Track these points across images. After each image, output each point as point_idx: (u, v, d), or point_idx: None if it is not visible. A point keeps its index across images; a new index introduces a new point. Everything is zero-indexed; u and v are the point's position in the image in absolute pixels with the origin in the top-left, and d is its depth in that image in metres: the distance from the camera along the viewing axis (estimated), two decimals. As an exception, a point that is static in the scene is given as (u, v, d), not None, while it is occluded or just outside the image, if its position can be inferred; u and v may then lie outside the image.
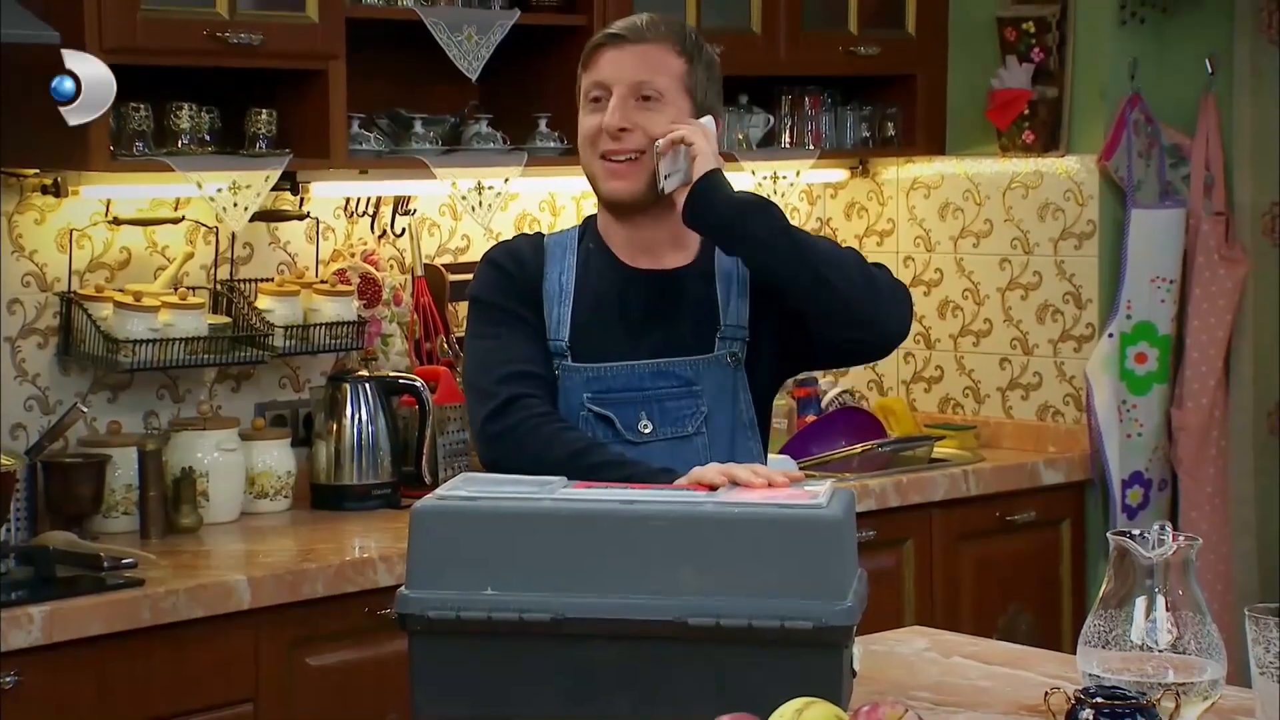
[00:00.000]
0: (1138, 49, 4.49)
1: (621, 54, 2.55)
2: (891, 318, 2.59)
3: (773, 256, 2.51)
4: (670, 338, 2.58)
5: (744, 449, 2.60)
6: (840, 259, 2.56)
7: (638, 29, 2.57)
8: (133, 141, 3.52)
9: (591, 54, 2.58)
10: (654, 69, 2.55)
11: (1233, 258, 4.51)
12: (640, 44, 2.56)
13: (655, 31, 2.57)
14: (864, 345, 2.63)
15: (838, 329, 2.55)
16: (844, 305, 2.52)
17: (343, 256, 4.04)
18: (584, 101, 2.59)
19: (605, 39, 2.58)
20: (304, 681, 3.31)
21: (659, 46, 2.56)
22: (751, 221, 2.51)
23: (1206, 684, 2.08)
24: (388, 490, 3.86)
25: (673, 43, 2.57)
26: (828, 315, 2.53)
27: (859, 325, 2.55)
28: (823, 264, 2.51)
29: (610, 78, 2.55)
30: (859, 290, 2.53)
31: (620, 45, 2.56)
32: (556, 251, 2.63)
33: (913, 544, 4.26)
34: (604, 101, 2.55)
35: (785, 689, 1.96)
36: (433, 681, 2.17)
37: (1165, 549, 2.10)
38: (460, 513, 2.19)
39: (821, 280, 2.50)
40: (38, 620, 3.00)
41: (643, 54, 2.55)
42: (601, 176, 2.57)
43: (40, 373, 3.64)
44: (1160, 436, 4.53)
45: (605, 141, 2.55)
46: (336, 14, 3.65)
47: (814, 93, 4.54)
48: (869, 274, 2.57)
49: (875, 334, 2.58)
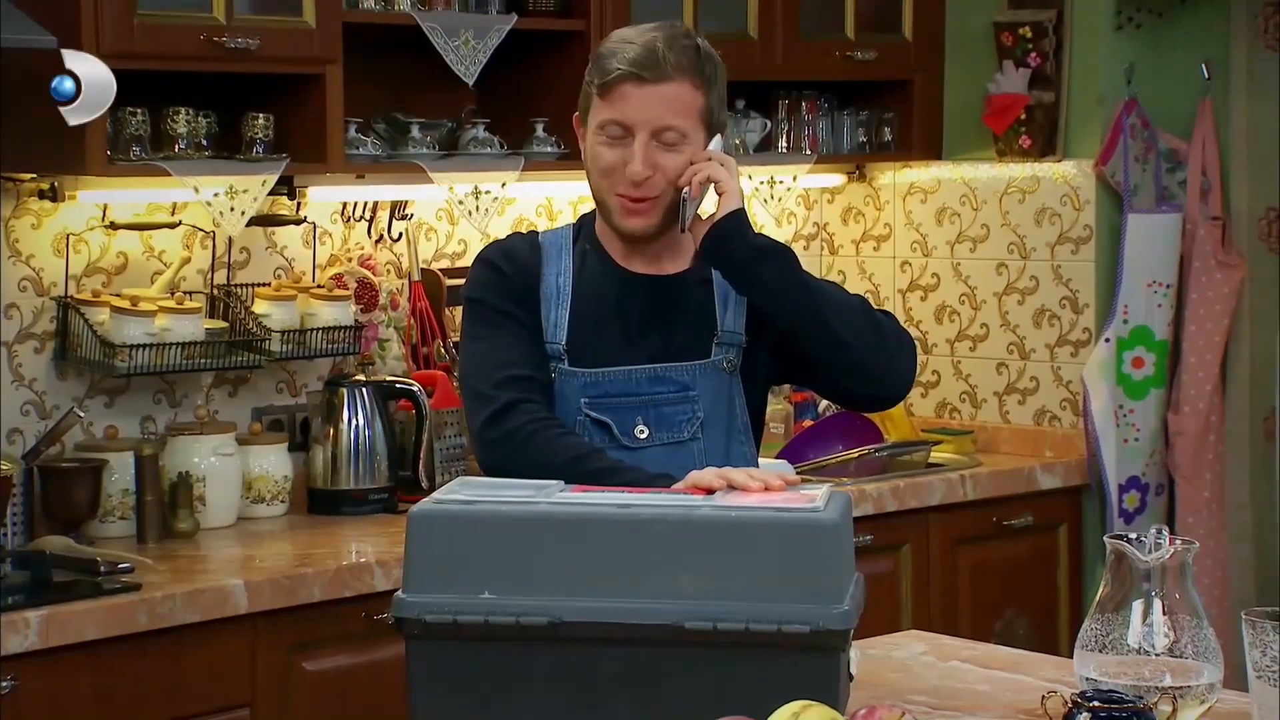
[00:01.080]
0: (1134, 54, 4.49)
1: (645, 94, 2.49)
2: (896, 373, 2.59)
3: (784, 305, 2.52)
4: (667, 343, 2.58)
5: (738, 454, 2.60)
6: (851, 312, 2.56)
7: (660, 65, 2.48)
8: (129, 146, 3.52)
9: (612, 87, 2.50)
10: (677, 111, 2.50)
11: (1229, 263, 4.51)
12: (664, 83, 2.49)
13: (677, 66, 2.49)
14: (865, 398, 2.66)
15: (842, 380, 2.58)
16: (850, 359, 2.53)
17: (340, 261, 4.04)
18: (597, 131, 2.53)
19: (627, 74, 2.49)
20: (301, 686, 3.31)
21: (680, 84, 2.50)
22: (766, 268, 2.51)
23: (1203, 688, 2.08)
24: (385, 495, 3.86)
25: (693, 75, 2.51)
26: (833, 366, 2.55)
27: (863, 379, 2.57)
28: (833, 317, 2.52)
29: (634, 120, 2.50)
30: (867, 345, 2.54)
31: (643, 84, 2.49)
32: (552, 251, 2.62)
33: (910, 548, 4.26)
34: (623, 139, 2.51)
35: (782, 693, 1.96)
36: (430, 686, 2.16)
37: (1162, 553, 2.10)
38: (457, 517, 2.18)
39: (831, 333, 2.52)
40: (34, 625, 3.00)
41: (666, 95, 2.49)
42: (618, 212, 2.55)
43: (37, 377, 3.64)
44: (1157, 441, 4.53)
45: (625, 184, 2.51)
46: (333, 18, 3.65)
47: (811, 97, 4.54)
48: (877, 327, 2.57)
49: (878, 388, 2.60)
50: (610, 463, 2.46)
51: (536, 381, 2.54)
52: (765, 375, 2.65)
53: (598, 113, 2.53)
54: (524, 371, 2.53)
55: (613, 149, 2.52)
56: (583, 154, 2.61)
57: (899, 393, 2.63)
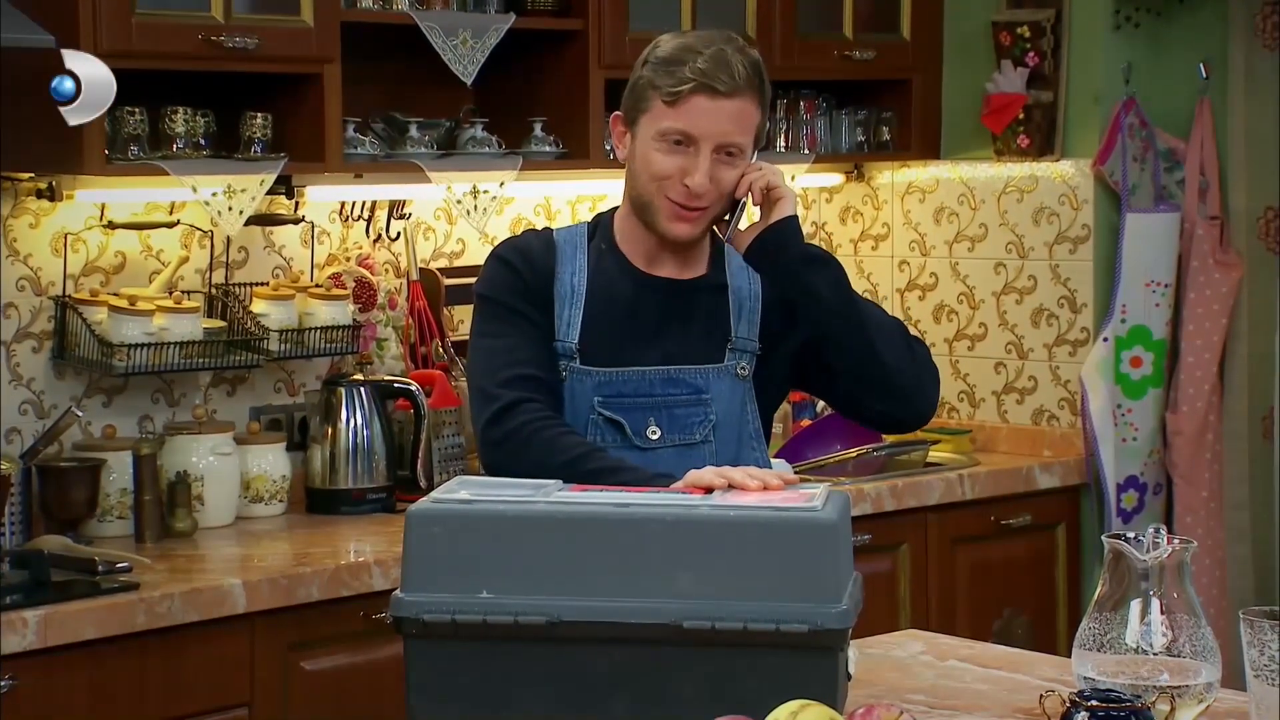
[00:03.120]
0: (1132, 53, 4.49)
1: (716, 108, 2.49)
2: (922, 398, 2.62)
3: (828, 314, 2.53)
4: (682, 346, 2.58)
5: (749, 459, 2.60)
6: (889, 330, 2.58)
7: (733, 80, 2.48)
8: (128, 145, 3.51)
9: (684, 97, 2.48)
10: (742, 127, 2.52)
11: (1227, 262, 4.51)
12: (734, 98, 2.49)
13: (747, 82, 2.50)
14: (894, 420, 2.68)
15: (872, 397, 2.59)
16: (884, 376, 2.55)
17: (338, 260, 4.04)
18: (657, 136, 2.51)
19: (701, 86, 2.48)
20: (299, 686, 3.31)
21: (748, 101, 2.51)
22: (816, 275, 2.53)
23: (1201, 687, 2.08)
24: (383, 494, 3.86)
25: (757, 94, 2.52)
26: (866, 381, 2.56)
27: (893, 399, 2.58)
28: (874, 332, 2.54)
29: (702, 133, 2.49)
30: (902, 365, 2.56)
31: (715, 98, 2.48)
32: (567, 250, 2.62)
33: (908, 548, 4.26)
34: (685, 147, 2.50)
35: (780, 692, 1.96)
36: (428, 685, 2.16)
37: (1160, 552, 2.10)
38: (456, 516, 2.18)
39: (869, 347, 2.53)
40: (32, 624, 3.00)
41: (734, 111, 2.50)
42: (667, 217, 2.54)
43: (35, 377, 3.64)
44: (1155, 441, 4.53)
45: (680, 193, 2.51)
46: (332, 18, 3.65)
47: (809, 97, 4.54)
48: (913, 349, 2.60)
49: (906, 410, 2.62)
50: (611, 462, 2.46)
51: (543, 381, 2.53)
52: (779, 384, 2.65)
53: (660, 119, 2.51)
54: (530, 371, 2.53)
55: (671, 157, 2.51)
56: (622, 152, 2.59)
57: (922, 417, 2.65)
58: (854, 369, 2.55)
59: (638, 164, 2.54)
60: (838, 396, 2.66)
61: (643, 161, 2.53)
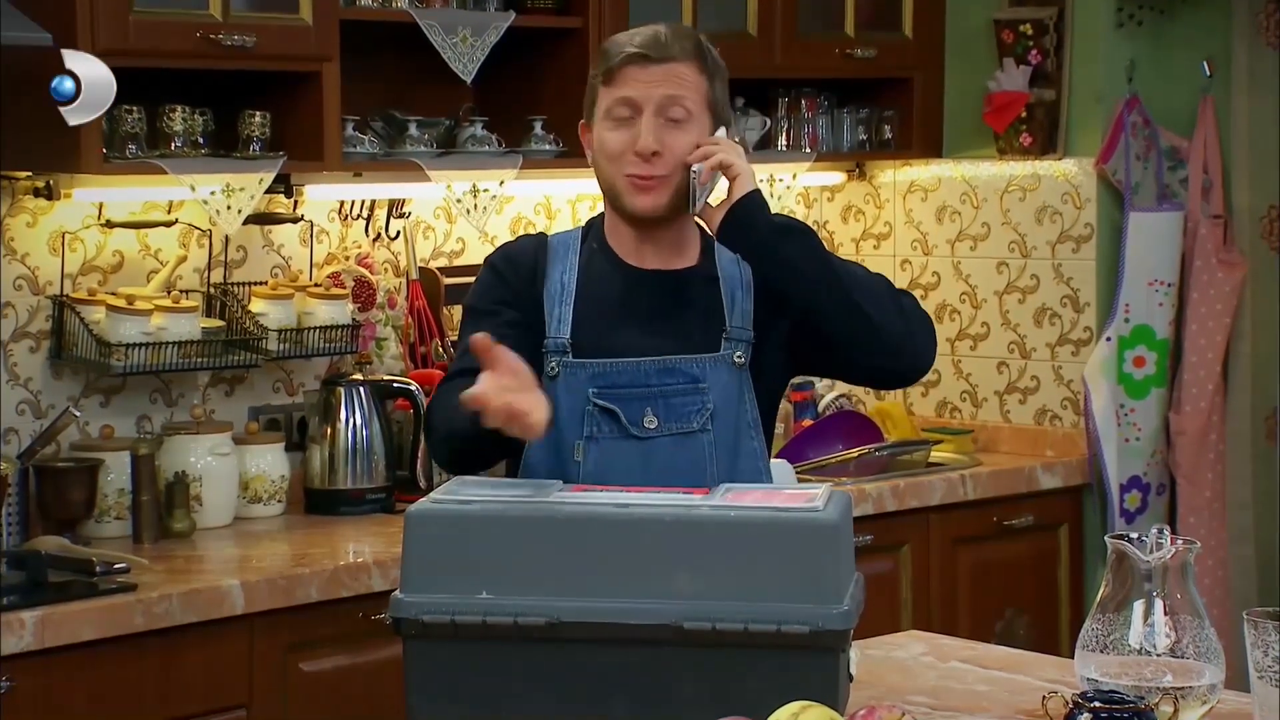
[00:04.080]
0: (1135, 51, 4.48)
1: (648, 73, 2.53)
2: (920, 347, 2.61)
3: (808, 282, 2.53)
4: (676, 336, 2.59)
5: (748, 448, 2.60)
6: (873, 286, 2.58)
7: (662, 45, 2.54)
8: (125, 144, 3.50)
9: (616, 70, 2.55)
10: (682, 88, 2.54)
11: (1231, 261, 4.50)
12: (666, 62, 2.54)
13: (680, 48, 2.55)
14: (891, 373, 2.67)
15: (868, 356, 2.58)
16: (875, 333, 2.54)
17: (337, 260, 4.03)
18: (603, 117, 2.57)
19: (631, 57, 2.54)
20: (298, 687, 3.30)
21: (684, 65, 2.55)
22: (789, 246, 2.53)
23: (1205, 688, 2.07)
24: (382, 494, 3.85)
25: (695, 59, 2.56)
26: (858, 342, 2.55)
27: (889, 354, 2.57)
28: (856, 291, 2.54)
29: (639, 96, 2.53)
30: (891, 319, 2.56)
31: (646, 64, 2.53)
32: (560, 250, 2.64)
33: (910, 548, 4.25)
34: (630, 120, 2.54)
35: (782, 693, 1.95)
36: (427, 686, 2.16)
37: (1163, 553, 2.09)
38: (455, 516, 2.18)
39: (854, 307, 2.53)
40: (29, 625, 2.99)
41: (669, 73, 2.54)
42: (628, 192, 2.56)
43: (32, 376, 3.63)
44: (1158, 441, 4.52)
45: (633, 163, 2.54)
46: (330, 16, 3.64)
47: (810, 95, 4.53)
48: (900, 302, 2.60)
49: (903, 362, 2.61)
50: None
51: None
52: (776, 372, 2.65)
53: (603, 100, 2.58)
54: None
55: (619, 130, 2.55)
56: (590, 156, 2.63)
57: (920, 368, 2.64)
58: (843, 332, 2.54)
59: (596, 151, 2.60)
60: (833, 363, 2.66)
61: (598, 147, 2.59)
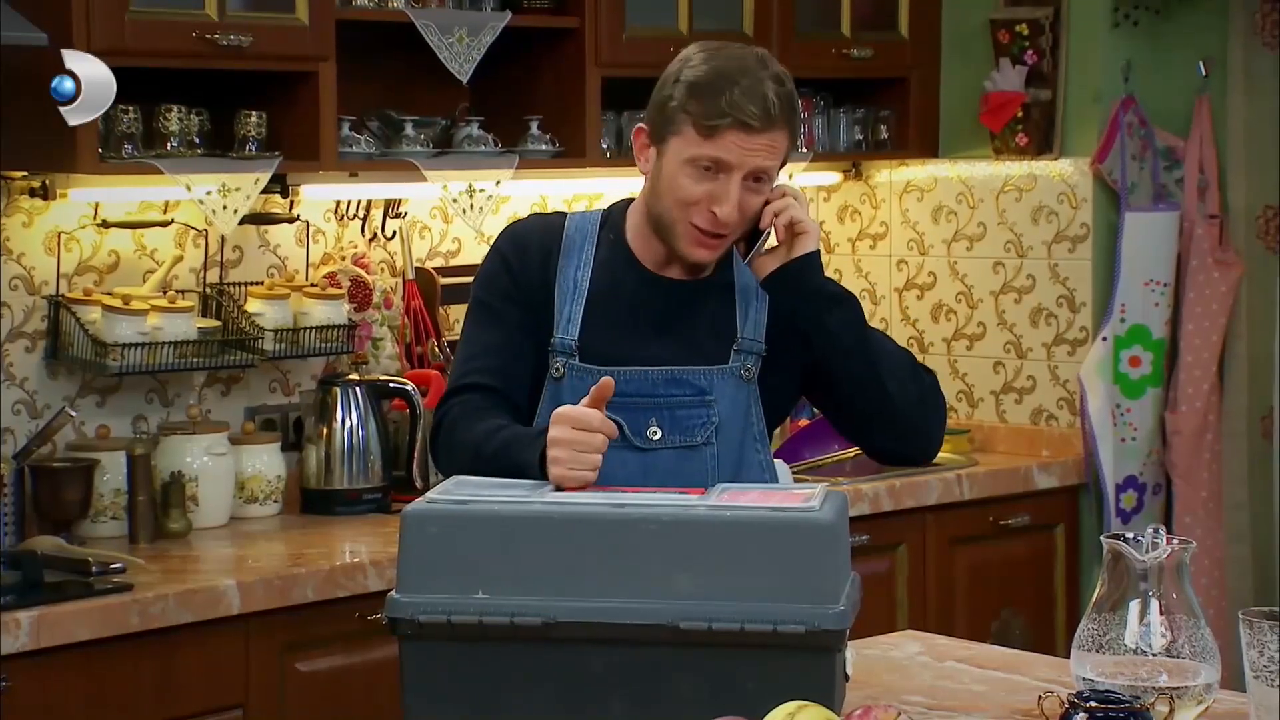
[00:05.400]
0: (1131, 51, 4.48)
1: (751, 142, 2.45)
2: (931, 434, 2.62)
3: (842, 352, 2.53)
4: (686, 346, 2.56)
5: (752, 461, 2.59)
6: (901, 369, 2.57)
7: (771, 119, 2.45)
8: (121, 144, 3.50)
9: (720, 130, 2.45)
10: (774, 156, 2.49)
11: (1226, 261, 4.50)
12: (770, 133, 2.46)
13: (781, 118, 2.47)
14: (895, 455, 2.66)
15: (878, 433, 2.59)
16: (893, 415, 2.55)
17: (333, 260, 4.02)
18: (686, 161, 2.47)
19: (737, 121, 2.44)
20: (294, 687, 3.30)
21: (780, 134, 2.48)
22: (833, 315, 2.53)
23: (1200, 688, 2.07)
24: (378, 494, 3.85)
25: (789, 126, 2.49)
26: (872, 418, 2.56)
27: (900, 437, 2.58)
28: (885, 371, 2.54)
29: (736, 163, 2.46)
30: (909, 403, 2.56)
31: (751, 134, 2.45)
32: (576, 239, 2.60)
33: (906, 548, 4.25)
34: (714, 173, 2.47)
35: (778, 693, 1.95)
36: (424, 686, 2.16)
37: (1159, 552, 2.09)
38: (451, 516, 2.18)
39: (880, 386, 2.53)
40: (25, 626, 2.98)
41: (769, 143, 2.47)
42: (688, 241, 2.51)
43: (28, 376, 3.63)
44: (1154, 440, 4.52)
45: (705, 218, 2.48)
46: (326, 16, 3.64)
47: (807, 95, 4.53)
48: (922, 386, 2.59)
49: (911, 447, 2.62)
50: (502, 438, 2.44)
51: (492, 389, 2.54)
52: (786, 389, 2.63)
53: (691, 145, 2.47)
54: (481, 380, 2.55)
55: (700, 183, 2.48)
56: (644, 164, 2.55)
57: (927, 455, 2.65)
58: (862, 404, 2.55)
59: (663, 185, 2.51)
60: (844, 427, 2.66)
61: (669, 184, 2.50)
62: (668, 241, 2.54)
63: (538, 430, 2.41)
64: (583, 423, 2.33)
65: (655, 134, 2.53)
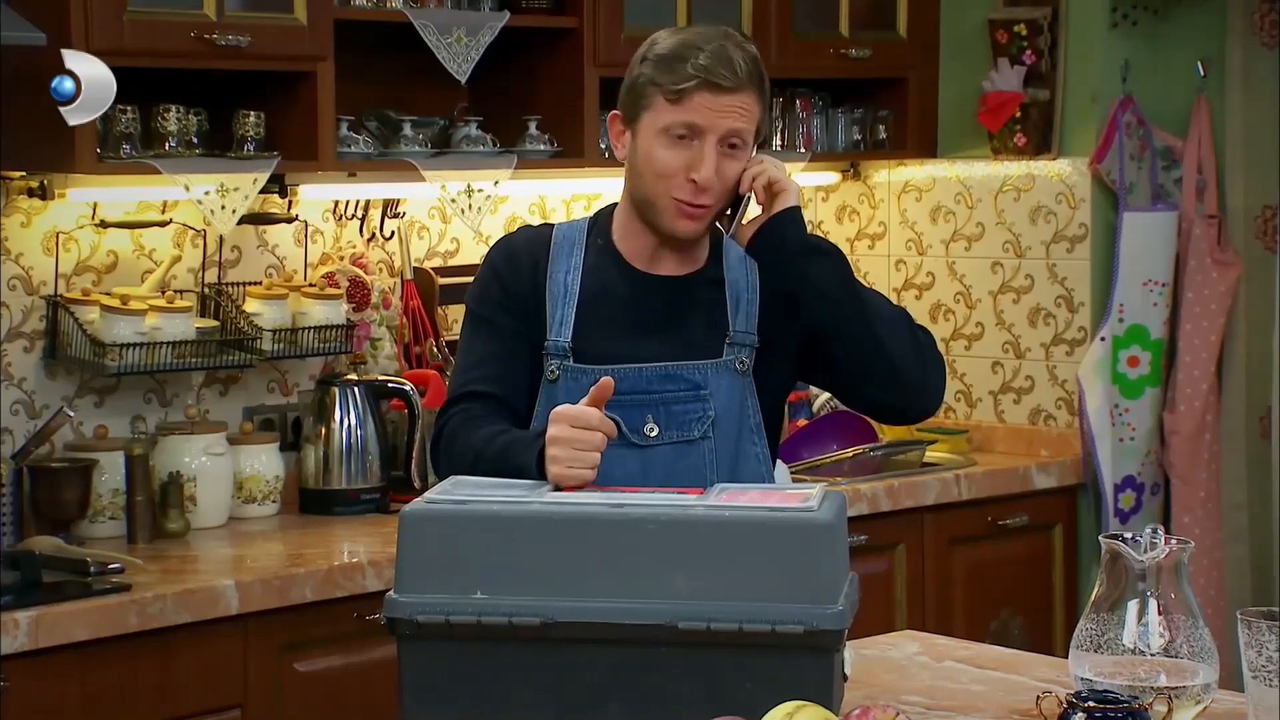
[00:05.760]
0: (1129, 51, 4.48)
1: (719, 102, 2.48)
2: (929, 389, 2.60)
3: (831, 304, 2.52)
4: (679, 342, 2.57)
5: (749, 455, 2.59)
6: (894, 321, 2.56)
7: (736, 75, 2.48)
8: (120, 144, 3.50)
9: (686, 93, 2.48)
10: (747, 118, 2.50)
11: (1225, 261, 4.50)
12: (738, 93, 2.48)
13: (748, 75, 2.49)
14: (894, 410, 2.66)
15: (876, 390, 2.57)
16: (890, 369, 2.53)
17: (331, 260, 4.02)
18: (660, 132, 2.50)
19: (705, 81, 2.47)
20: (292, 687, 3.30)
21: (750, 94, 2.50)
22: (820, 266, 2.52)
23: (1199, 688, 2.07)
24: (377, 495, 3.85)
25: (758, 87, 2.51)
26: (869, 375, 2.55)
27: (899, 391, 2.56)
28: (878, 323, 2.53)
29: (706, 124, 2.48)
30: (906, 357, 2.54)
31: (719, 93, 2.47)
32: (565, 246, 2.61)
33: (904, 548, 4.24)
34: (689, 140, 2.49)
35: (776, 693, 1.95)
36: (422, 686, 2.15)
37: (1157, 552, 2.09)
38: (450, 516, 2.18)
39: (874, 339, 2.52)
40: (24, 626, 2.98)
41: (739, 104, 2.49)
42: (672, 214, 2.52)
43: (26, 376, 3.63)
44: (1153, 441, 4.52)
45: (685, 188, 2.50)
46: (325, 16, 3.64)
47: (805, 95, 4.53)
48: (918, 340, 2.58)
49: (910, 402, 2.60)
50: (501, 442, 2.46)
51: (491, 396, 2.55)
52: (780, 377, 2.63)
53: (662, 115, 2.50)
54: (480, 388, 2.56)
55: (675, 151, 2.50)
56: (621, 151, 2.58)
57: (927, 410, 2.62)
58: (857, 360, 2.54)
59: (640, 162, 2.53)
60: (840, 387, 2.66)
61: (645, 159, 2.52)
62: (652, 222, 2.55)
63: (536, 433, 2.42)
64: (581, 421, 2.33)
65: (628, 115, 2.55)
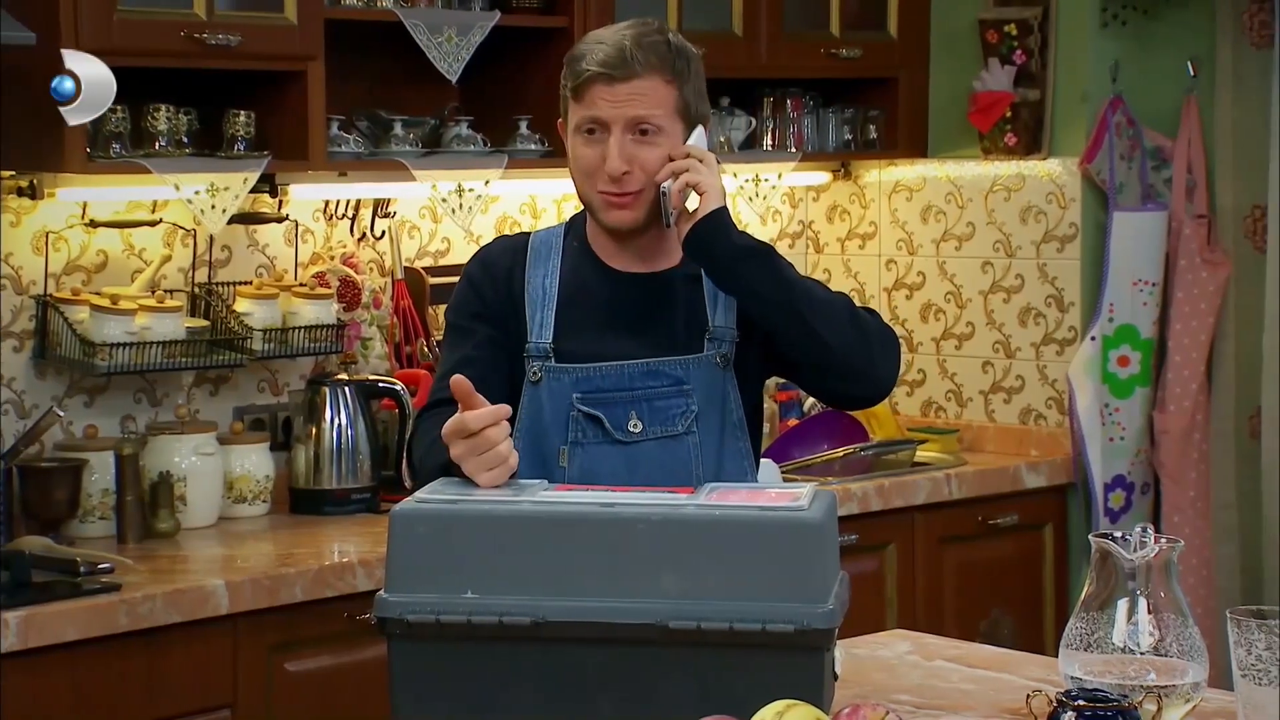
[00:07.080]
0: (1119, 51, 4.49)
1: (614, 92, 2.49)
2: (881, 371, 2.59)
3: (766, 305, 2.51)
4: (660, 338, 2.58)
5: (733, 448, 2.59)
6: (833, 311, 2.54)
7: (626, 62, 2.48)
8: (110, 143, 3.50)
9: (583, 87, 2.50)
10: (650, 104, 2.50)
11: (1215, 261, 4.51)
12: (631, 80, 2.49)
13: (646, 63, 2.49)
14: (847, 398, 2.67)
15: (826, 380, 2.58)
16: (834, 358, 2.52)
17: (322, 259, 4.02)
18: (575, 130, 2.54)
19: (596, 75, 2.49)
20: (283, 687, 3.29)
21: (650, 79, 2.49)
22: (748, 268, 2.51)
23: (1188, 686, 2.07)
24: (367, 494, 3.85)
25: (662, 70, 2.50)
26: (816, 367, 2.55)
27: (848, 378, 2.56)
28: (814, 318, 2.51)
29: (606, 116, 2.50)
30: (850, 343, 2.53)
31: (611, 84, 2.49)
32: (542, 251, 2.62)
33: (895, 548, 4.25)
34: (599, 134, 2.51)
35: (767, 692, 1.95)
36: (412, 686, 2.15)
37: (1147, 551, 2.09)
38: (440, 516, 2.17)
39: (812, 334, 2.51)
40: (13, 626, 2.98)
41: (635, 91, 2.49)
42: (602, 208, 2.55)
43: (16, 376, 3.62)
44: (1142, 440, 4.52)
45: (604, 181, 2.52)
46: (315, 15, 3.63)
47: (796, 95, 4.53)
48: (861, 325, 2.56)
49: (861, 388, 2.60)
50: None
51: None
52: (757, 371, 2.64)
53: (573, 114, 2.55)
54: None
55: (591, 147, 2.53)
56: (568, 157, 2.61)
57: (880, 393, 2.63)
58: (804, 356, 2.54)
59: (571, 165, 2.58)
60: (801, 382, 2.68)
61: (572, 161, 2.57)
62: (595, 217, 2.58)
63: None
64: (465, 430, 2.30)
65: (563, 118, 2.60)
